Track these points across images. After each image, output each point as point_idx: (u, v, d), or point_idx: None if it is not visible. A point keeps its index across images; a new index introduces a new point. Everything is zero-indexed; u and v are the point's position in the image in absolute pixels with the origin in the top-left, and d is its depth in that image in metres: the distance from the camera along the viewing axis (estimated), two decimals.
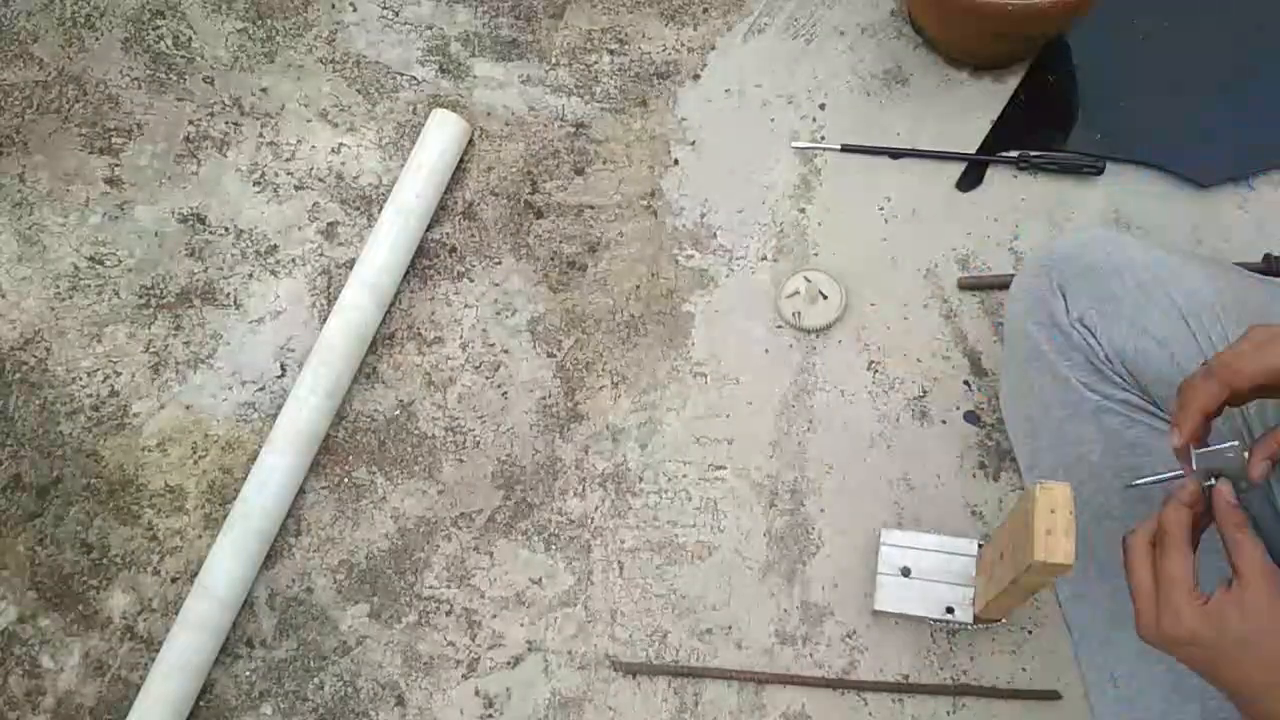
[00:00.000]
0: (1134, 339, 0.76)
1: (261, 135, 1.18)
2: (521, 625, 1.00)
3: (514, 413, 1.07)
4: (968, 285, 1.07)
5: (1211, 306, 0.74)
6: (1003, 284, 1.06)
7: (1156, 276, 0.76)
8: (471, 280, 1.12)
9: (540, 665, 0.99)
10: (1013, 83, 1.15)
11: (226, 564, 0.98)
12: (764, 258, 1.11)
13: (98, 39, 1.22)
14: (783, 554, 1.00)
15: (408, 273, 1.10)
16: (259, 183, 1.16)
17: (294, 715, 0.98)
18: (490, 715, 0.97)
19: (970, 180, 1.12)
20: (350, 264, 1.10)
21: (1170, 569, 0.60)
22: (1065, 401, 0.80)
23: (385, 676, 0.99)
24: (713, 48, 1.19)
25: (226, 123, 1.18)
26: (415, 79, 1.20)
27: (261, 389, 1.08)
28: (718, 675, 0.96)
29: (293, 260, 1.13)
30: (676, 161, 1.15)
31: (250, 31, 1.22)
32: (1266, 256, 1.03)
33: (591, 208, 1.14)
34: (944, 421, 1.04)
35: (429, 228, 1.12)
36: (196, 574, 0.99)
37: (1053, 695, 0.94)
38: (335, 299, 1.07)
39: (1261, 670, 0.57)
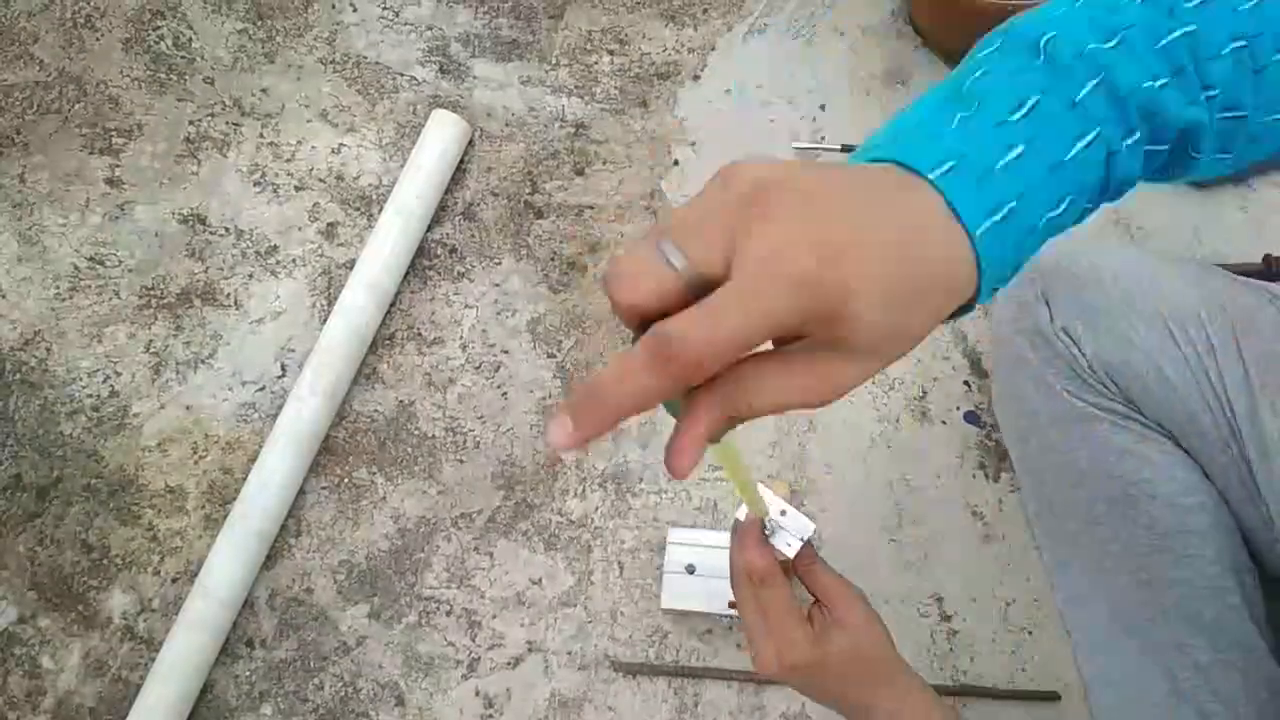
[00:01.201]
0: (1118, 348, 0.76)
1: (262, 135, 1.18)
2: (521, 625, 1.00)
3: (514, 413, 1.07)
4: None
5: (1196, 314, 0.74)
6: None
7: (1140, 285, 0.76)
8: (471, 280, 1.12)
9: (540, 665, 0.99)
10: None
11: (226, 564, 0.98)
12: None
13: (98, 39, 1.22)
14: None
15: (408, 273, 1.10)
16: (259, 183, 1.16)
17: (294, 715, 0.98)
18: (490, 715, 0.97)
19: None
20: (350, 264, 1.10)
21: (775, 603, 0.63)
22: (1051, 408, 0.80)
23: (385, 676, 0.99)
24: (713, 48, 1.19)
25: (227, 123, 1.18)
26: (415, 79, 1.20)
27: (261, 389, 1.08)
28: (718, 675, 0.96)
29: (293, 260, 1.13)
30: (676, 162, 1.15)
31: (250, 32, 1.22)
32: (1266, 258, 1.03)
33: (591, 208, 1.14)
34: (944, 421, 1.04)
35: (429, 228, 1.12)
36: (196, 574, 0.99)
37: (1053, 696, 0.94)
38: (335, 299, 1.07)
39: (870, 675, 0.63)
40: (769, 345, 0.37)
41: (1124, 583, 0.77)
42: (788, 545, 0.66)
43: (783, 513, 0.66)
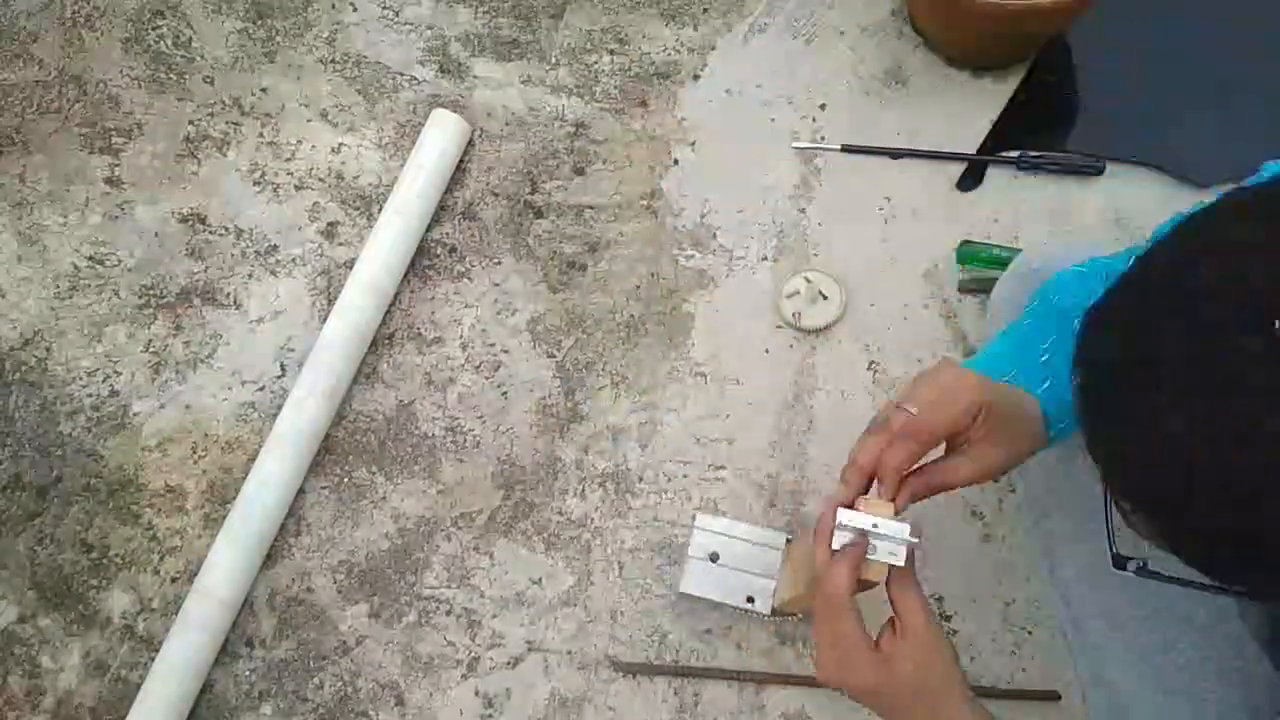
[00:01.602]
0: None
1: (261, 135, 1.18)
2: (521, 625, 1.00)
3: (514, 413, 1.07)
4: (967, 289, 1.07)
5: None
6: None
7: None
8: (471, 280, 1.12)
9: (540, 665, 0.99)
10: (1013, 83, 1.15)
11: (226, 564, 0.98)
12: (764, 258, 1.11)
13: (98, 39, 1.22)
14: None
15: (408, 273, 1.10)
16: (259, 183, 1.16)
17: (294, 715, 0.98)
18: (490, 715, 0.97)
19: (970, 180, 1.12)
20: (350, 264, 1.10)
21: (844, 630, 0.65)
22: None
23: (385, 676, 0.99)
24: (713, 48, 1.19)
25: (226, 123, 1.18)
26: (415, 79, 1.20)
27: (261, 389, 1.08)
28: (718, 675, 0.96)
29: (293, 260, 1.13)
30: (676, 161, 1.15)
31: (250, 31, 1.22)
32: None
33: (591, 208, 1.14)
34: None
35: (429, 228, 1.12)
36: (196, 574, 0.99)
37: (1053, 696, 0.94)
38: (335, 299, 1.07)
39: (929, 712, 0.65)
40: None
41: (1117, 581, 0.77)
42: (891, 555, 0.65)
43: (874, 525, 0.65)
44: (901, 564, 0.66)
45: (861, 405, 1.04)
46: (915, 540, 0.65)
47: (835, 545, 0.66)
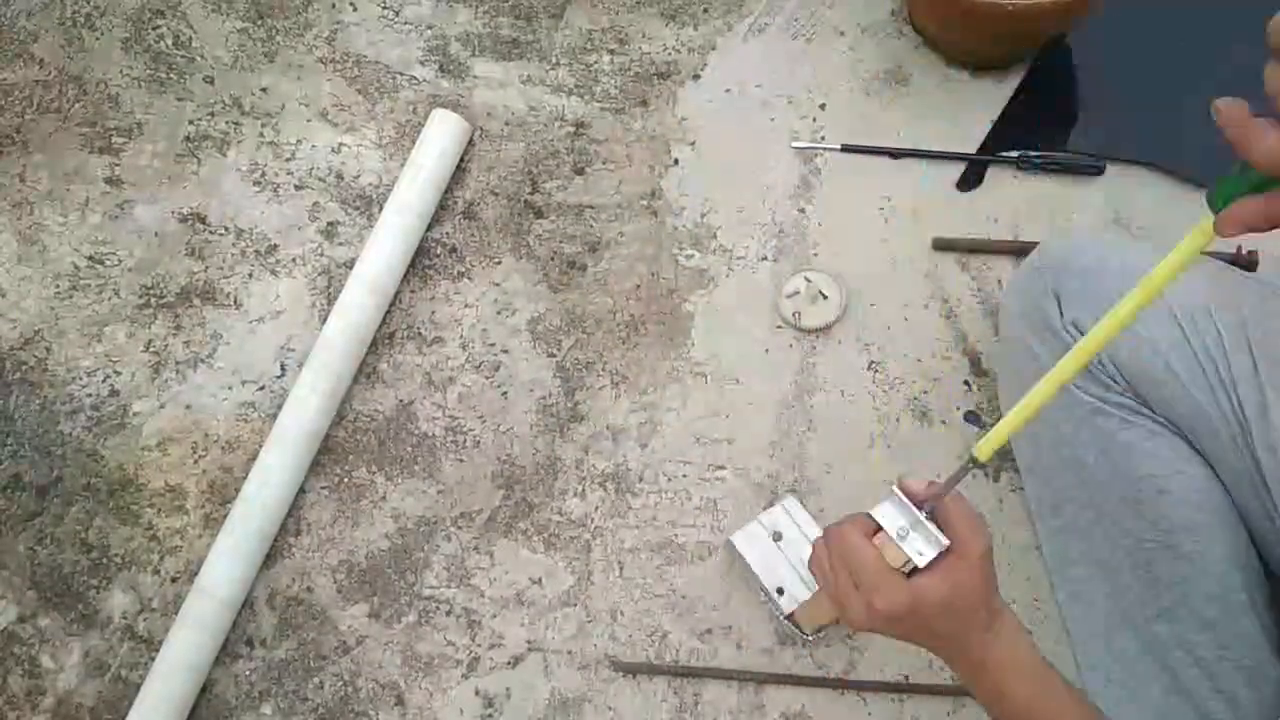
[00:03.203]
0: (1126, 342, 0.76)
1: (261, 135, 1.18)
2: (521, 625, 1.00)
3: (514, 413, 1.07)
4: (941, 246, 1.07)
5: (1206, 309, 0.74)
6: (976, 248, 1.08)
7: None
8: (471, 280, 1.12)
9: (540, 665, 0.99)
10: (1013, 83, 1.15)
11: (226, 564, 0.98)
12: (764, 258, 1.11)
13: (98, 39, 1.22)
14: None
15: (408, 272, 1.10)
16: (259, 183, 1.16)
17: (294, 715, 0.98)
18: (490, 715, 0.97)
19: (970, 180, 1.12)
20: (350, 264, 1.10)
21: (862, 557, 0.62)
22: (1060, 404, 0.80)
23: (385, 676, 0.99)
24: (713, 48, 1.19)
25: (226, 122, 1.18)
26: (415, 79, 1.20)
27: (261, 389, 1.08)
28: (718, 675, 0.96)
29: (293, 260, 1.13)
30: (676, 161, 1.15)
31: (250, 31, 1.22)
32: (1238, 250, 1.03)
33: (591, 208, 1.14)
34: (944, 421, 1.04)
35: (429, 227, 1.12)
36: (196, 574, 0.99)
37: None
38: (335, 299, 1.07)
39: (963, 625, 0.62)
40: None
41: (1128, 579, 0.77)
42: (920, 554, 0.61)
43: (902, 531, 0.63)
44: (923, 566, 0.62)
45: (861, 405, 1.04)
46: (945, 545, 0.62)
47: (886, 526, 0.63)
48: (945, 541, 0.61)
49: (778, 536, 0.95)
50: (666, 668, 0.97)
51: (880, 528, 0.63)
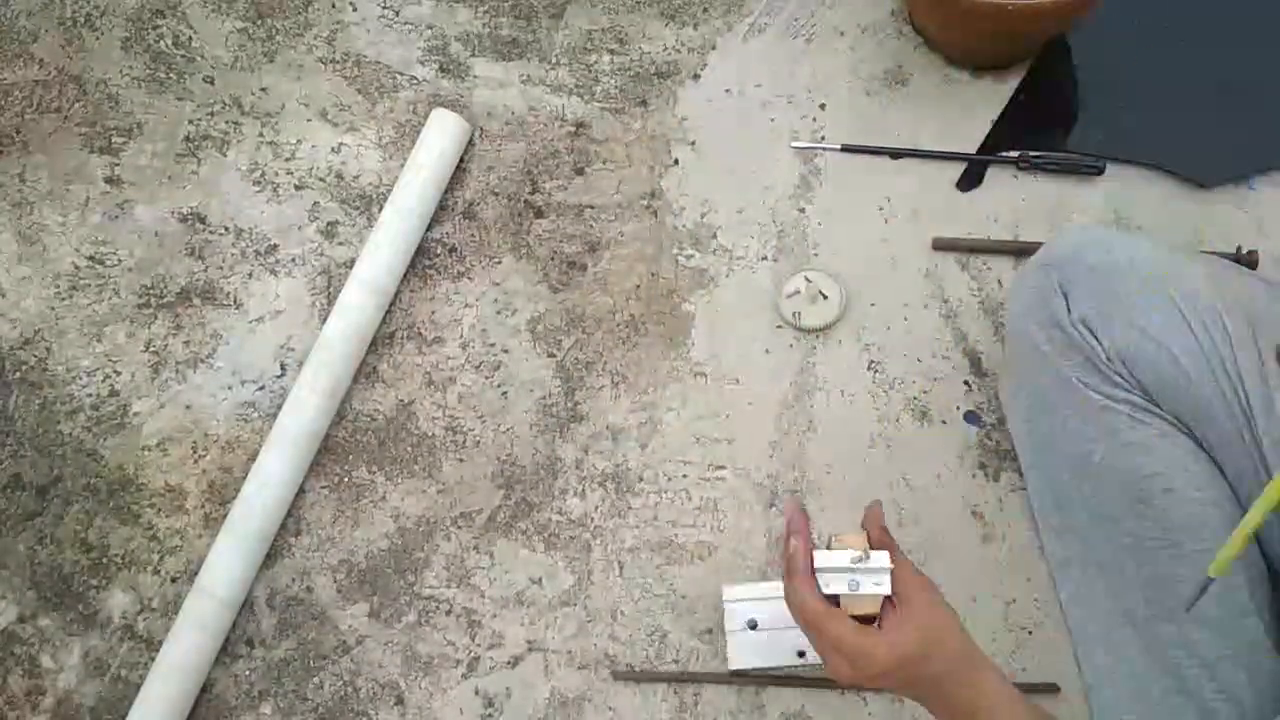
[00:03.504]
0: (1135, 340, 0.76)
1: (261, 135, 1.18)
2: (521, 625, 1.00)
3: (514, 412, 1.07)
4: (941, 246, 1.07)
5: (1213, 306, 0.74)
6: (976, 248, 1.08)
7: (1158, 276, 0.76)
8: (471, 280, 1.12)
9: (540, 665, 0.99)
10: (1013, 83, 1.15)
11: (226, 564, 0.98)
12: (764, 258, 1.11)
13: (98, 38, 1.22)
14: (783, 554, 1.00)
15: (408, 272, 1.10)
16: (259, 182, 1.16)
17: (294, 715, 0.98)
18: (490, 715, 0.97)
19: (970, 180, 1.12)
20: (350, 264, 1.10)
21: (836, 632, 0.66)
22: (1067, 401, 0.80)
23: (385, 676, 0.99)
24: (713, 48, 1.19)
25: (226, 122, 1.18)
26: (415, 79, 1.20)
27: (261, 389, 1.08)
28: (717, 679, 0.96)
29: (293, 260, 1.13)
30: (676, 161, 1.15)
31: (250, 31, 1.22)
32: (1238, 250, 1.03)
33: (591, 208, 1.14)
34: (944, 421, 1.04)
35: (429, 228, 1.12)
36: (196, 574, 0.99)
37: (1052, 689, 0.94)
38: (335, 299, 1.07)
39: (945, 663, 0.66)
40: None
41: (1131, 578, 0.77)
42: (877, 585, 0.67)
43: (858, 559, 0.67)
44: (888, 593, 0.67)
45: (862, 405, 1.04)
46: (891, 567, 0.67)
47: (826, 590, 0.68)
48: (889, 565, 0.66)
49: (753, 625, 0.93)
50: (664, 674, 0.97)
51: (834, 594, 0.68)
